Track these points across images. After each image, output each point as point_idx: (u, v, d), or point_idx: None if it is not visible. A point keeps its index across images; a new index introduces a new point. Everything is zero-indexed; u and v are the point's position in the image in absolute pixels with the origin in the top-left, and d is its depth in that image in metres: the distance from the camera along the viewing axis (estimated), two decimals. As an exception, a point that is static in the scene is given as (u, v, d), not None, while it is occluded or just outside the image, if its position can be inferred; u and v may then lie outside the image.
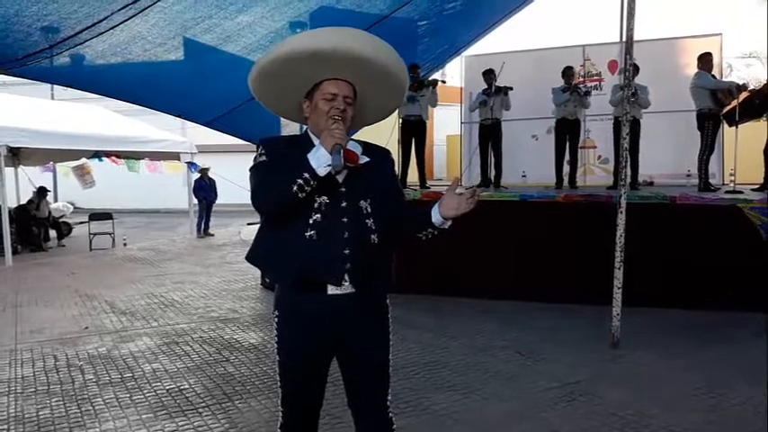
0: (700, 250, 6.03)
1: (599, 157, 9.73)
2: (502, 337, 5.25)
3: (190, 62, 6.69)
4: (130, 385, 4.33)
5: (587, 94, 8.28)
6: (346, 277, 2.05)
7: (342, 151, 1.99)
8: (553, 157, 8.36)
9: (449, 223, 2.10)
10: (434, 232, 2.13)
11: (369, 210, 2.12)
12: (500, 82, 8.25)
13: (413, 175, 8.38)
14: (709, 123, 7.42)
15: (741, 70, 17.12)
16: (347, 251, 2.05)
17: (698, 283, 5.98)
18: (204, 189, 13.97)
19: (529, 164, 9.45)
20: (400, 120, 8.07)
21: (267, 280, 7.56)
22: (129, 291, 7.69)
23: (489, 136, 8.44)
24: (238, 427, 3.61)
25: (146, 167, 14.07)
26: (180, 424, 3.67)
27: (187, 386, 4.29)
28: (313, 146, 2.04)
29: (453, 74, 14.20)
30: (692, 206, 6.29)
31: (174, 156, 13.85)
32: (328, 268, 2.05)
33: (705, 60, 7.53)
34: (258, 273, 8.01)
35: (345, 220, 2.07)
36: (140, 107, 7.98)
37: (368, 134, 9.35)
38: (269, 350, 5.10)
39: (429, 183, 8.85)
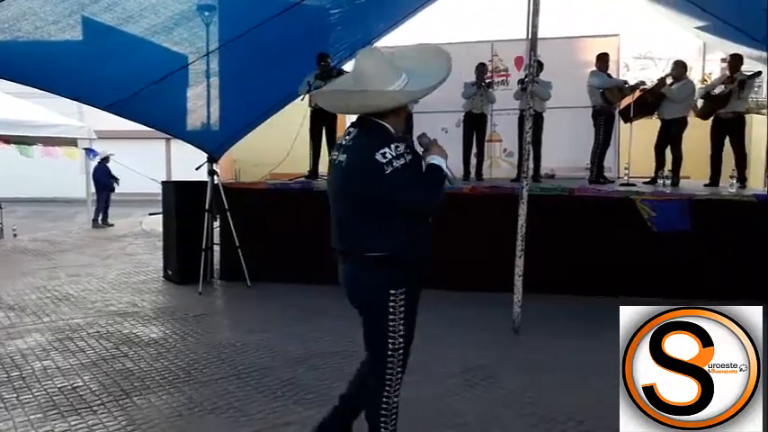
0: (596, 239, 6.36)
1: (504, 150, 10.03)
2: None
3: (88, 43, 6.30)
4: (17, 384, 4.05)
5: (489, 86, 8.50)
6: None
7: None
8: (461, 150, 8.54)
9: None
10: None
11: None
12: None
13: (324, 165, 8.31)
14: (600, 119, 7.85)
15: (636, 70, 18.14)
16: None
17: (594, 270, 6.31)
18: (105, 177, 13.26)
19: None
20: (311, 109, 7.96)
21: (170, 272, 7.29)
22: (18, 284, 7.18)
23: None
24: (137, 424, 3.46)
25: (40, 152, 13.17)
26: (72, 423, 3.47)
27: (81, 383, 4.07)
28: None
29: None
30: (589, 198, 6.62)
31: (71, 142, 13.06)
32: None
33: (601, 60, 7.93)
34: (160, 265, 7.71)
35: None
36: (33, 89, 7.44)
37: (277, 123, 9.14)
38: (170, 344, 4.92)
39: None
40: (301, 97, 7.79)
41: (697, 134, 7.97)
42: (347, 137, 2.61)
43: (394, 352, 2.62)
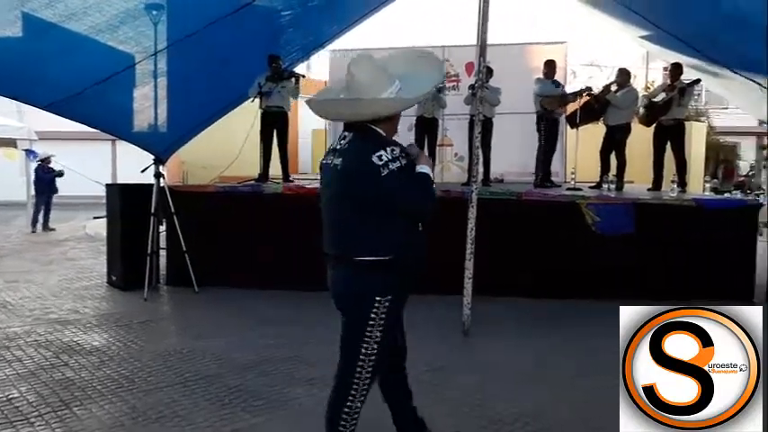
0: (544, 242, 6.49)
1: (455, 154, 10.14)
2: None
3: (28, 39, 6.08)
4: (-53, 397, 3.85)
5: (440, 91, 8.59)
6: None
7: None
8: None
9: None
10: None
11: None
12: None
13: (275, 168, 8.22)
14: (542, 125, 8.07)
15: (584, 77, 18.69)
16: None
17: (543, 272, 6.42)
18: (46, 176, 12.79)
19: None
20: (261, 111, 7.86)
21: (114, 278, 7.07)
22: (-50, 292, 6.85)
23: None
24: (76, 436, 3.34)
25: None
26: (7, 437, 3.32)
27: (17, 394, 3.89)
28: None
29: (319, 67, 14.18)
30: (537, 201, 6.76)
31: (10, 142, 12.58)
32: None
33: (548, 67, 8.12)
34: (103, 270, 7.47)
35: None
36: (-34, 86, 7.12)
37: (227, 124, 8.97)
38: (113, 352, 4.77)
39: (293, 176, 8.73)
40: (252, 99, 7.69)
41: (640, 140, 8.23)
42: (342, 141, 2.63)
43: (365, 357, 2.62)
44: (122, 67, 6.43)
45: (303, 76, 8.55)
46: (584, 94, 8.10)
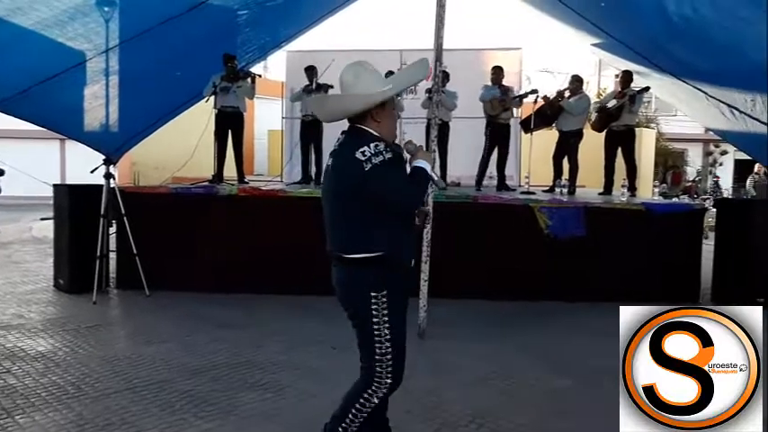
0: (499, 245, 6.57)
1: (413, 157, 10.17)
2: (319, 333, 5.20)
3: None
4: None
5: (398, 94, 8.62)
6: None
7: None
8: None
9: None
10: None
11: None
12: (321, 80, 8.29)
13: (230, 169, 8.11)
14: (487, 130, 8.22)
15: (538, 83, 19.11)
16: None
17: (498, 274, 6.49)
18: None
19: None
20: (216, 111, 7.75)
21: (61, 281, 6.86)
22: None
23: (310, 132, 8.44)
24: (18, 446, 3.22)
25: None
26: (-58, 448, 3.18)
27: (-45, 404, 3.73)
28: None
29: (276, 68, 14.09)
30: (491, 205, 6.85)
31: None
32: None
33: (495, 73, 8.27)
34: (50, 274, 7.23)
35: None
36: None
37: (180, 124, 8.81)
38: (60, 358, 4.62)
39: (248, 178, 8.64)
40: (206, 98, 7.58)
41: (592, 145, 8.43)
42: (336, 143, 2.74)
43: (381, 357, 2.65)
44: (72, 64, 6.24)
45: (259, 76, 8.48)
46: (529, 96, 8.25)
